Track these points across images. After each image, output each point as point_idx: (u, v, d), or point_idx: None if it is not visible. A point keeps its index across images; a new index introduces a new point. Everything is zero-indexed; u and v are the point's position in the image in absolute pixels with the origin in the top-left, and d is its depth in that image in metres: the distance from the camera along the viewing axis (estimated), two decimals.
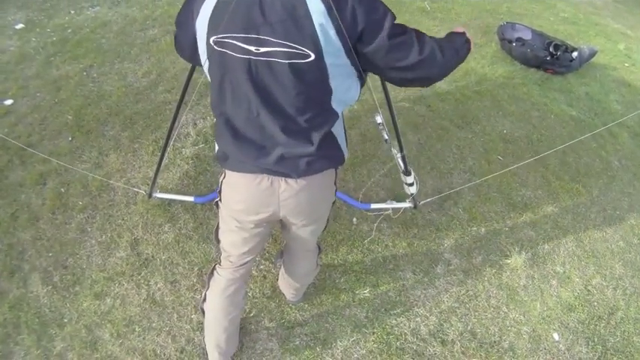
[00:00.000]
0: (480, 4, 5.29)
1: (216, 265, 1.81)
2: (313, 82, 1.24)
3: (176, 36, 1.43)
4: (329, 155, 1.44)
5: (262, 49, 1.18)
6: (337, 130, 1.44)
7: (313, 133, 1.35)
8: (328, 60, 1.19)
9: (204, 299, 1.84)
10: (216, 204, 1.68)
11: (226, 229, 1.68)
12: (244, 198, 1.51)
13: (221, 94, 1.33)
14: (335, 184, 1.64)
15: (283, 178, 1.43)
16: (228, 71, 1.26)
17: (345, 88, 1.33)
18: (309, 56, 1.17)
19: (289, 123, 1.31)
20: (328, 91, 1.29)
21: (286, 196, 1.46)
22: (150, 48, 3.76)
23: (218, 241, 1.77)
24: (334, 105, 1.34)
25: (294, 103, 1.27)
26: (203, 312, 1.87)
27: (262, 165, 1.39)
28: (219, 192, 1.62)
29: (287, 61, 1.18)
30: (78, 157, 2.81)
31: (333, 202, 1.73)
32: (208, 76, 1.36)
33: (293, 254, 1.97)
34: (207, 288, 1.82)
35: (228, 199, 1.58)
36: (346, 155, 1.53)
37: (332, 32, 1.15)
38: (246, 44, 1.18)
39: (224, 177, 1.56)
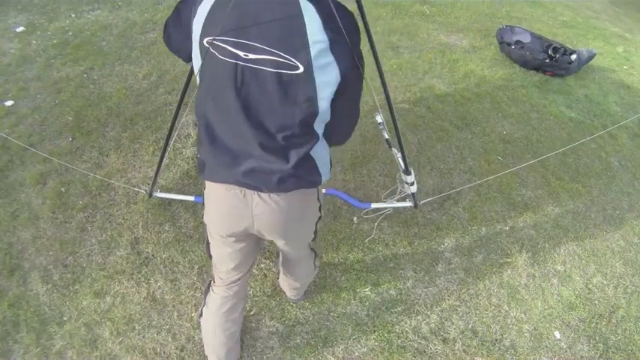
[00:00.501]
0: (479, 7, 5.33)
1: (211, 282, 1.80)
2: (299, 98, 1.19)
3: (169, 33, 1.37)
4: (303, 176, 1.36)
5: (251, 56, 1.14)
6: (318, 152, 1.38)
7: (291, 151, 1.29)
8: (318, 77, 1.17)
9: (201, 314, 1.83)
10: (203, 216, 1.63)
11: (213, 243, 1.66)
12: (217, 208, 1.48)
13: (205, 97, 1.28)
14: (318, 199, 1.56)
15: (256, 192, 1.37)
16: (215, 74, 1.22)
17: (329, 109, 1.29)
18: (298, 68, 1.14)
19: (267, 137, 1.25)
20: (314, 111, 1.23)
21: (259, 210, 1.41)
22: (150, 50, 3.77)
23: (210, 257, 1.75)
24: (316, 126, 1.29)
25: (275, 117, 1.22)
26: (200, 326, 1.87)
27: (234, 175, 1.34)
28: (203, 204, 1.57)
29: (274, 70, 1.15)
30: (78, 157, 2.81)
31: (320, 218, 1.64)
32: (198, 77, 1.30)
33: (287, 260, 1.96)
34: (204, 304, 1.81)
35: (207, 210, 1.54)
36: (324, 178, 1.44)
37: (325, 44, 1.13)
38: (236, 49, 1.15)
39: (205, 188, 1.52)
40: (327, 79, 1.18)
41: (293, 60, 1.14)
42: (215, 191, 1.45)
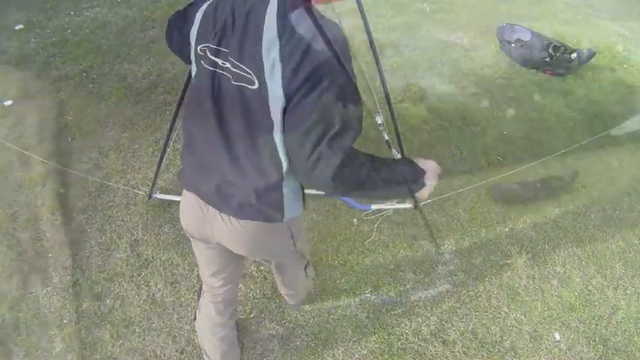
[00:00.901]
0: (479, 5, 5.30)
1: (202, 285, 1.80)
2: (257, 120, 1.10)
3: (172, 37, 1.36)
4: (262, 208, 1.26)
5: (226, 65, 1.11)
6: (287, 185, 1.26)
7: (257, 177, 1.20)
8: (272, 95, 1.05)
9: (195, 317, 1.84)
10: None
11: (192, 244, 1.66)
12: (184, 211, 1.47)
13: (189, 104, 1.27)
14: (289, 228, 1.44)
15: (218, 211, 1.32)
16: (199, 82, 1.20)
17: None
18: (254, 83, 1.06)
19: (236, 155, 1.19)
20: (273, 137, 1.11)
21: (219, 229, 1.36)
22: (150, 49, 3.76)
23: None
24: (282, 155, 1.15)
25: (242, 135, 1.15)
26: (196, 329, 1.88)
27: (201, 189, 1.33)
28: None
29: (235, 83, 1.10)
30: (78, 158, 2.81)
31: (294, 243, 1.54)
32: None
33: (275, 268, 1.95)
34: (197, 307, 1.82)
35: (179, 209, 1.52)
36: (288, 216, 1.32)
37: (276, 54, 1.02)
38: (215, 57, 1.12)
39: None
40: (277, 97, 1.05)
41: (250, 72, 1.06)
42: (184, 196, 1.45)
